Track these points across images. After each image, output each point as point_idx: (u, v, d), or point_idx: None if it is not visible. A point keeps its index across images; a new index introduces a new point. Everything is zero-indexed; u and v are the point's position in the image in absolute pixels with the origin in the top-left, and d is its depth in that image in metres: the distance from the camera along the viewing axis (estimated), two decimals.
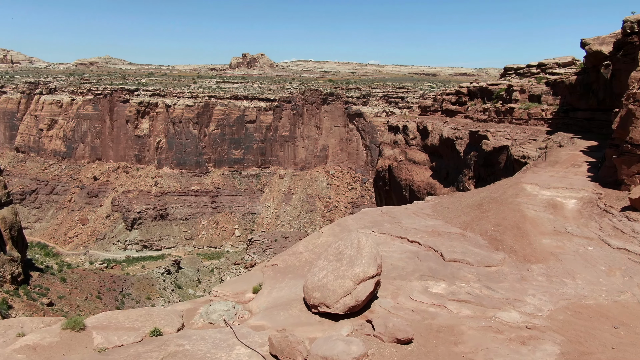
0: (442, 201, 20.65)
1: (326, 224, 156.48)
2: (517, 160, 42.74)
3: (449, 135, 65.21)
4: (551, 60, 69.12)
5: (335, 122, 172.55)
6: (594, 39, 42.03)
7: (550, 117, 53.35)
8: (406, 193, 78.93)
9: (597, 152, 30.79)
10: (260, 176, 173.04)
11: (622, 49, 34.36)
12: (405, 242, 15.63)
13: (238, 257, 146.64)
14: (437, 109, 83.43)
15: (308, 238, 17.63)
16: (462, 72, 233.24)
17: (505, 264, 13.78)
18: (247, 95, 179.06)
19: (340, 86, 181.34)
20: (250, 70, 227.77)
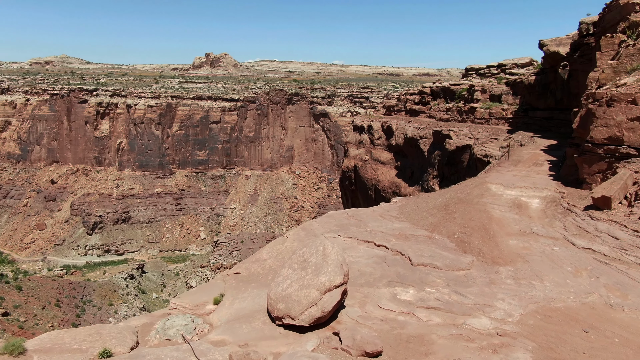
0: (409, 202, 20.32)
1: (293, 225, 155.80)
2: (479, 159, 43.19)
3: (413, 134, 65.67)
4: (510, 60, 70.63)
5: (301, 122, 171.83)
6: (551, 40, 42.93)
7: (511, 116, 54.36)
8: (372, 192, 79.13)
9: (557, 150, 31.31)
10: (226, 177, 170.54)
11: (578, 49, 35.12)
12: (373, 247, 15.16)
13: (204, 260, 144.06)
14: (401, 109, 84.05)
15: (272, 244, 16.93)
16: (425, 72, 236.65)
17: (473, 267, 13.48)
18: (211, 96, 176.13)
19: (305, 86, 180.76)
20: (214, 70, 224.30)
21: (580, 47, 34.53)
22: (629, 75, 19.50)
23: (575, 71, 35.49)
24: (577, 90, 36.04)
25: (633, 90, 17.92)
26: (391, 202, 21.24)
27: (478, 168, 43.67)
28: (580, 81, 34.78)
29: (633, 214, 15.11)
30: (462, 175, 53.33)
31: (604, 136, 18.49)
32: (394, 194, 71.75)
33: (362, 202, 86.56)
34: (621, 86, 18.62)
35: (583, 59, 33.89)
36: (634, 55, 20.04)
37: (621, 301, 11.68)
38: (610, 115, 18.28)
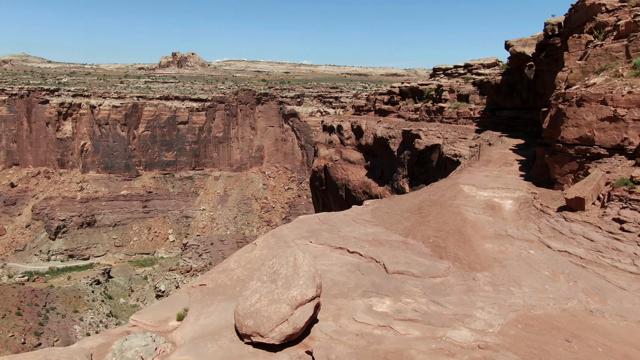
0: (381, 205, 19.75)
1: (263, 225, 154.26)
2: (449, 159, 43.18)
3: (383, 134, 65.55)
4: (477, 61, 71.41)
5: (270, 122, 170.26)
6: (517, 41, 43.31)
7: (478, 116, 54.81)
8: (342, 192, 78.78)
9: (526, 150, 31.43)
10: (194, 178, 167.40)
11: (544, 50, 35.43)
12: (346, 254, 14.46)
13: (173, 263, 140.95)
14: (371, 109, 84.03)
15: (240, 252, 16.04)
16: (393, 72, 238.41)
17: (450, 273, 12.95)
18: (178, 96, 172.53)
19: (274, 86, 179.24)
20: (181, 70, 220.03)
21: (545, 48, 34.83)
22: (597, 75, 19.46)
23: (541, 71, 35.80)
24: (543, 90, 36.41)
25: (602, 90, 17.83)
26: (363, 205, 20.63)
27: (447, 167, 43.72)
28: (546, 81, 35.12)
29: (606, 215, 14.91)
30: (432, 175, 53.48)
31: (574, 136, 18.35)
32: (364, 194, 71.59)
33: (332, 202, 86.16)
34: (591, 86, 18.52)
35: (549, 59, 34.19)
36: (601, 55, 20.03)
37: (601, 306, 11.35)
38: (581, 115, 18.15)
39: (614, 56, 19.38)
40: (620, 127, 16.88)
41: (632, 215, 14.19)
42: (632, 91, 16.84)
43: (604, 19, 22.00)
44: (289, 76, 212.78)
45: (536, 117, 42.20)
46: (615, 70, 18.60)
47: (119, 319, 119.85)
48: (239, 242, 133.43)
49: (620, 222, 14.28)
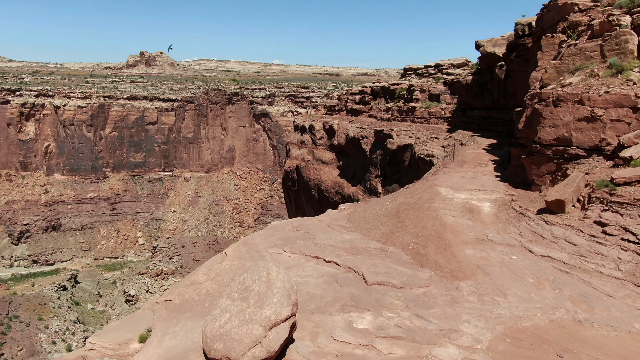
0: (357, 210, 18.98)
1: (235, 227, 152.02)
2: (421, 159, 42.86)
3: (355, 134, 65.01)
4: (447, 61, 71.67)
5: (241, 122, 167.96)
6: (487, 41, 43.35)
7: (450, 115, 54.86)
8: (315, 193, 77.99)
9: (498, 150, 31.27)
10: (164, 180, 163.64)
11: (515, 50, 35.42)
12: (322, 263, 13.60)
13: (143, 267, 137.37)
14: (342, 109, 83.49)
15: (209, 262, 14.96)
16: (364, 72, 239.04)
17: (432, 283, 12.25)
18: (146, 96, 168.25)
19: (245, 86, 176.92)
20: (150, 70, 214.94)
21: (516, 48, 34.82)
22: (572, 75, 19.18)
23: (512, 71, 35.79)
24: (514, 90, 36.43)
25: (579, 90, 17.52)
26: (338, 209, 19.81)
27: (420, 167, 43.43)
28: (517, 81, 35.12)
29: (587, 218, 14.51)
30: (404, 174, 53.24)
31: (552, 137, 18.00)
32: (337, 194, 70.94)
33: (305, 202, 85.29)
34: (567, 86, 18.20)
35: (520, 59, 34.18)
36: (576, 55, 19.78)
37: (589, 316, 10.83)
38: (558, 116, 17.81)
39: (588, 56, 19.15)
40: (598, 127, 16.58)
41: (614, 218, 13.81)
42: (609, 91, 16.55)
43: (576, 18, 21.82)
44: (260, 76, 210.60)
45: (507, 116, 42.35)
46: (591, 70, 18.33)
47: (86, 325, 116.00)
48: (211, 244, 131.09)
49: (602, 225, 13.88)
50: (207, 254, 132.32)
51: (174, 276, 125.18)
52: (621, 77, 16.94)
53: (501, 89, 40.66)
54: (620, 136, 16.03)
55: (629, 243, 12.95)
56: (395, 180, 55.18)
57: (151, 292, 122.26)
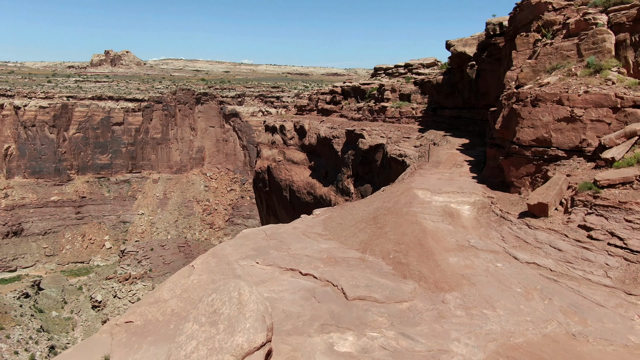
0: (333, 215, 18.03)
1: (206, 228, 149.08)
2: (394, 159, 42.29)
3: (326, 134, 64.20)
4: (416, 61, 71.65)
5: (211, 122, 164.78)
6: (457, 41, 43.14)
7: (421, 115, 54.65)
8: (287, 193, 76.92)
9: (472, 149, 30.91)
10: (132, 182, 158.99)
11: (486, 50, 35.18)
12: (298, 276, 12.58)
13: (110, 271, 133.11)
14: (313, 109, 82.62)
15: (175, 277, 13.73)
16: (334, 72, 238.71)
17: (417, 296, 11.40)
18: (112, 96, 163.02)
19: (214, 85, 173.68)
20: (115, 69, 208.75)
21: (487, 47, 34.58)
22: (549, 74, 18.75)
23: (484, 71, 35.57)
24: (485, 90, 36.23)
25: (558, 89, 17.06)
26: (313, 215, 18.81)
27: (392, 167, 42.90)
28: (488, 80, 34.91)
29: (571, 222, 13.98)
30: (376, 174, 52.71)
31: (531, 137, 17.49)
32: (308, 195, 70.01)
33: (276, 203, 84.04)
34: (545, 85, 17.73)
35: (491, 59, 33.95)
36: (552, 54, 19.37)
37: (582, 328, 10.18)
38: (537, 116, 17.31)
39: (565, 55, 18.75)
40: (578, 127, 16.12)
41: (599, 222, 13.30)
42: (588, 91, 16.11)
43: (551, 17, 21.47)
44: (229, 75, 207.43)
45: (477, 116, 42.27)
46: (568, 69, 17.92)
47: (51, 333, 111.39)
48: (181, 246, 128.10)
49: (587, 230, 13.35)
50: (177, 257, 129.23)
51: (143, 280, 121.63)
52: (600, 76, 16.55)
53: (472, 89, 40.49)
54: (600, 137, 15.61)
55: (615, 248, 12.43)
56: (368, 180, 54.66)
57: (119, 297, 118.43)
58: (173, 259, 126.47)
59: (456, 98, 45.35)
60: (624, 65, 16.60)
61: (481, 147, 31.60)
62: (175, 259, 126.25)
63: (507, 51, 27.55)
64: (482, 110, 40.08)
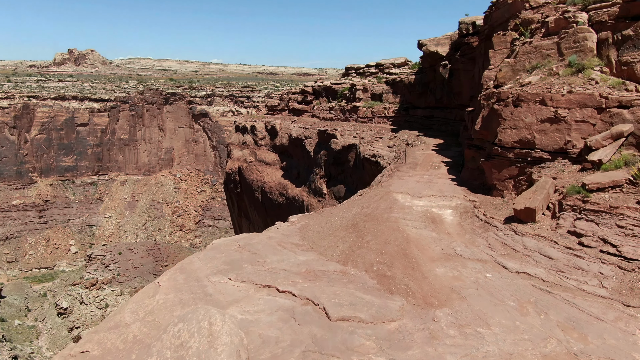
0: (310, 222, 16.92)
1: (176, 231, 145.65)
2: (367, 159, 41.54)
3: (298, 134, 63.08)
4: (387, 60, 71.29)
5: (180, 122, 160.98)
6: (429, 40, 42.68)
7: (393, 115, 54.15)
8: (258, 195, 75.46)
9: (447, 150, 30.33)
10: (98, 184, 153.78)
11: (459, 49, 34.73)
12: (275, 294, 11.42)
13: (76, 277, 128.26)
14: (284, 109, 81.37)
15: (138, 297, 12.34)
16: (304, 72, 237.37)
17: (405, 314, 10.42)
18: (76, 96, 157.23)
19: (183, 85, 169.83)
20: (79, 68, 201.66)
21: (461, 47, 34.13)
22: (530, 73, 18.16)
23: (457, 70, 35.11)
24: (459, 89, 35.80)
25: (540, 89, 16.44)
26: (289, 222, 17.66)
27: (365, 168, 42.15)
28: (462, 80, 34.47)
29: (560, 227, 13.29)
30: (349, 175, 51.90)
31: (513, 139, 16.82)
32: (281, 196, 68.73)
33: (248, 204, 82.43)
34: (526, 85, 17.10)
35: (464, 59, 33.50)
36: (531, 53, 18.79)
37: (584, 346, 9.39)
38: (519, 117, 16.64)
39: (545, 54, 18.19)
40: (563, 129, 15.51)
41: (590, 228, 12.64)
42: (572, 90, 15.53)
43: (528, 15, 20.94)
44: (198, 75, 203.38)
45: (450, 115, 41.90)
46: (549, 68, 17.34)
47: (14, 343, 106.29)
48: (150, 249, 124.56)
49: (577, 236, 12.68)
50: (147, 261, 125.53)
51: (111, 285, 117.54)
52: (582, 75, 16.01)
53: (445, 88, 40.07)
54: (585, 138, 15.04)
55: (609, 256, 11.77)
56: (340, 181, 53.83)
57: (86, 304, 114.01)
58: (142, 262, 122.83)
59: (428, 98, 44.95)
60: (607, 65, 16.11)
61: (456, 148, 31.08)
62: (144, 263, 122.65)
63: (482, 50, 27.06)
64: (455, 110, 39.73)
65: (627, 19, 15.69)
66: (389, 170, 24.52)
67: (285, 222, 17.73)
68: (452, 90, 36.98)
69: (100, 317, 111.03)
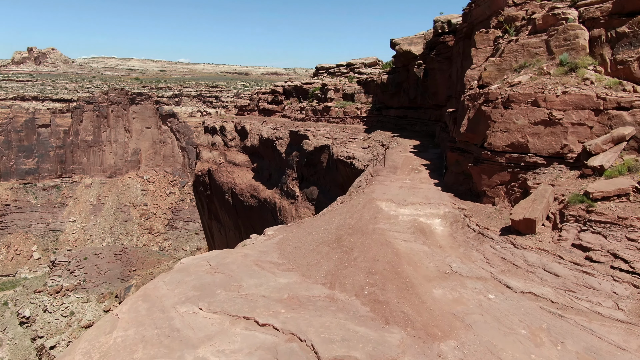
0: (289, 236, 15.25)
1: (144, 234, 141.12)
2: (341, 161, 40.12)
3: (269, 135, 61.22)
4: (358, 60, 70.18)
5: (147, 123, 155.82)
6: (402, 39, 41.61)
7: (365, 115, 52.96)
8: (229, 197, 73.26)
9: (425, 152, 29.17)
10: (62, 187, 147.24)
11: (434, 48, 33.70)
12: (254, 327, 9.73)
13: (40, 284, 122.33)
14: (254, 109, 79.28)
15: (93, 333, 10.42)
16: (273, 71, 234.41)
17: (406, 350, 8.93)
18: (36, 96, 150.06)
19: (149, 85, 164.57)
20: (40, 67, 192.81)
21: (436, 46, 33.09)
22: (518, 73, 17.03)
23: (432, 70, 34.08)
24: (434, 89, 34.78)
25: (532, 90, 15.29)
26: (265, 236, 15.95)
27: (339, 169, 40.74)
28: (437, 80, 33.45)
29: (563, 240, 12.11)
30: (322, 176, 50.38)
31: (505, 143, 15.62)
32: (252, 198, 66.69)
33: (218, 207, 79.90)
34: (516, 85, 15.93)
35: (440, 58, 32.47)
36: (517, 51, 17.68)
37: None
38: (510, 119, 15.46)
39: (533, 52, 17.10)
40: (558, 132, 14.39)
41: (597, 241, 11.48)
42: (566, 91, 14.42)
43: (512, 12, 19.87)
44: (165, 75, 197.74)
45: (424, 116, 40.93)
46: (539, 67, 16.23)
47: None
48: (117, 254, 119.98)
49: (584, 250, 11.50)
50: (114, 266, 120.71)
51: (76, 292, 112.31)
52: (576, 75, 14.94)
53: (419, 88, 39.06)
54: (583, 142, 13.95)
55: (621, 273, 10.62)
56: (313, 183, 52.29)
57: (50, 312, 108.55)
58: (109, 267, 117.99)
59: (402, 98, 43.90)
60: (601, 64, 15.10)
61: (434, 149, 29.99)
62: (111, 268, 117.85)
63: (460, 49, 25.98)
64: (429, 110, 38.76)
65: (621, 15, 14.72)
66: (369, 175, 23.09)
67: (261, 235, 16.02)
68: (427, 90, 35.96)
69: (66, 325, 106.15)
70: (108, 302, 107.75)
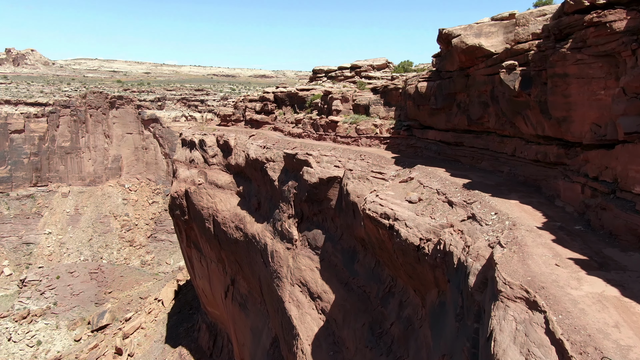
0: None
1: (125, 247, 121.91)
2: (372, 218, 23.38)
3: (258, 156, 43.80)
4: (365, 62, 53.03)
5: (128, 128, 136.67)
6: (463, 29, 24.95)
7: (388, 135, 36.25)
8: (210, 225, 55.47)
9: (559, 230, 12.76)
10: (36, 197, 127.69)
11: (568, 36, 17.07)
12: None
13: (8, 305, 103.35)
14: (240, 119, 61.49)
15: None
16: (261, 74, 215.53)
17: None
18: (9, 100, 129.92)
19: (131, 88, 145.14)
20: (18, 69, 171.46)
21: (572, 32, 16.44)
22: None
23: (558, 77, 17.41)
24: (563, 111, 18.19)
25: None
26: None
27: (366, 226, 23.99)
28: (572, 94, 16.89)
29: None
30: (330, 218, 33.44)
31: None
32: (237, 230, 49.20)
33: (199, 235, 62.22)
34: None
35: (584, 54, 15.85)
36: None
37: None
38: None
39: None
40: None
41: None
42: None
43: None
44: (150, 77, 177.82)
45: (499, 147, 24.53)
46: None
47: None
48: (93, 272, 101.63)
49: None
50: (88, 286, 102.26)
51: (45, 318, 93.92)
52: None
53: (496, 104, 22.48)
54: None
55: None
56: (317, 225, 35.38)
57: (14, 341, 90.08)
58: (83, 288, 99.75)
59: (455, 116, 27.32)
60: None
61: (570, 225, 13.58)
62: (85, 289, 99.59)
63: None
64: (515, 139, 22.31)
65: None
66: None
67: None
68: (532, 110, 19.36)
69: (31, 357, 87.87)
70: (79, 330, 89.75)
